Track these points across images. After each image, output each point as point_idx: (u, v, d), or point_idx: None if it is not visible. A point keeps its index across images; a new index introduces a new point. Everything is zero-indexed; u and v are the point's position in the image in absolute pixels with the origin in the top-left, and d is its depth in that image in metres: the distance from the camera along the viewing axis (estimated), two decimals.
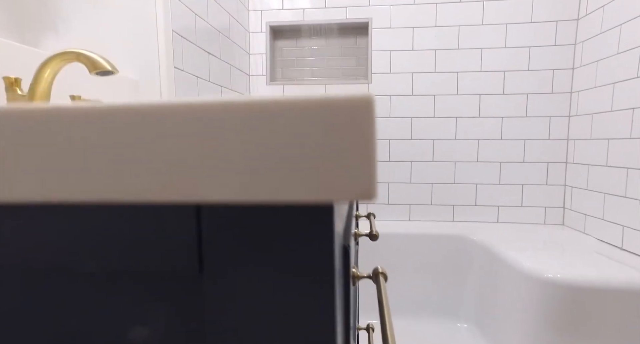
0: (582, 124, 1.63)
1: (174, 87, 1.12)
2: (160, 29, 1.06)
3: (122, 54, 0.91)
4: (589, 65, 1.58)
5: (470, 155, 1.82)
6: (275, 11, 1.86)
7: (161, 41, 1.06)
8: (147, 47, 1.02)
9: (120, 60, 0.91)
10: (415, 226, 1.82)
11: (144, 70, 1.00)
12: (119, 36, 0.90)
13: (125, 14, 0.93)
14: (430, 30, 1.78)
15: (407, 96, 1.82)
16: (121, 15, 0.91)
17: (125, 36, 0.93)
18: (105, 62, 0.51)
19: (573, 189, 1.69)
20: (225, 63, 1.55)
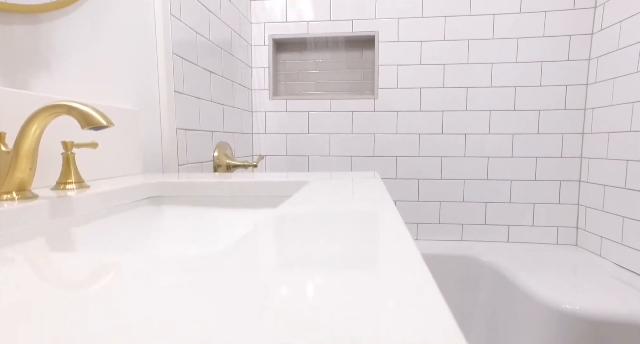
0: (597, 143, 1.57)
1: (174, 112, 1.06)
2: (161, 53, 1.00)
3: (121, 82, 0.85)
4: (605, 82, 1.53)
5: (480, 173, 1.76)
6: (279, 24, 1.80)
7: (161, 66, 1.00)
8: (147, 72, 0.96)
9: (119, 89, 0.84)
10: (422, 246, 1.76)
11: (143, 97, 0.94)
12: (117, 64, 0.84)
13: (124, 41, 0.87)
14: (439, 44, 1.73)
15: (414, 112, 1.77)
16: (120, 42, 0.85)
17: (124, 64, 0.87)
18: (100, 116, 0.45)
19: (587, 209, 1.63)
20: (227, 80, 1.49)
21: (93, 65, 0.77)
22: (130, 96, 0.89)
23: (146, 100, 0.96)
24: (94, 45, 0.77)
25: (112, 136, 0.79)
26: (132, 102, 0.90)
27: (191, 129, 1.17)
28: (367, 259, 0.24)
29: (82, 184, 0.58)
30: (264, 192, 0.70)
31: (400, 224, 0.34)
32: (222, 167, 1.42)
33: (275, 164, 1.86)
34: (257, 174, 0.81)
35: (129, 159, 0.85)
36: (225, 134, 1.48)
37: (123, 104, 0.86)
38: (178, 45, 1.08)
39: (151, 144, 0.98)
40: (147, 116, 0.96)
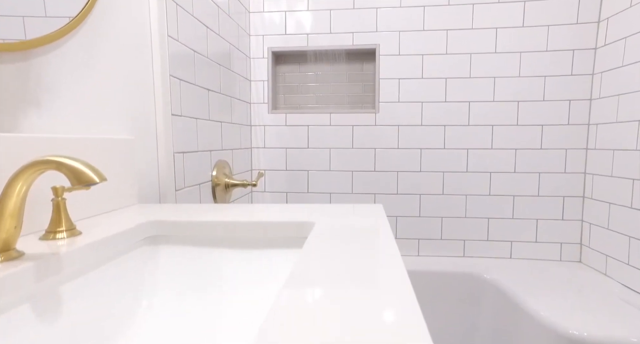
0: (601, 159, 1.55)
1: (171, 136, 1.03)
2: (157, 76, 0.96)
3: (116, 111, 0.82)
4: (610, 98, 1.50)
5: (482, 188, 1.73)
6: (278, 36, 1.77)
7: (157, 89, 0.97)
8: (143, 98, 0.93)
9: (114, 118, 0.81)
10: (424, 262, 1.73)
11: (139, 122, 0.91)
12: (112, 93, 0.81)
13: (119, 67, 0.83)
14: (441, 58, 1.70)
15: (416, 126, 1.74)
16: (114, 69, 0.82)
17: (119, 91, 0.83)
18: (91, 171, 0.42)
19: (592, 226, 1.61)
20: (225, 96, 1.46)
21: (86, 97, 0.73)
22: (125, 123, 0.86)
23: (142, 126, 0.92)
24: (87, 76, 0.74)
25: (107, 169, 0.76)
26: (127, 130, 0.86)
27: (189, 152, 1.14)
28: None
29: (74, 231, 0.55)
30: (266, 234, 0.67)
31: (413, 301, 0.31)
32: (220, 186, 1.39)
33: (274, 179, 1.83)
34: (256, 209, 0.78)
35: (125, 190, 0.81)
36: (224, 152, 1.45)
37: (118, 134, 0.83)
38: (175, 67, 1.05)
39: (148, 170, 0.95)
40: (143, 142, 0.93)
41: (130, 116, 0.88)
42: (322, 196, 1.81)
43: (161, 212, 0.75)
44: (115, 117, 0.82)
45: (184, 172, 1.10)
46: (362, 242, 0.53)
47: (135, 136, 0.89)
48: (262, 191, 1.85)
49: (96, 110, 0.76)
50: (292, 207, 0.78)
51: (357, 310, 0.31)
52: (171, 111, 1.02)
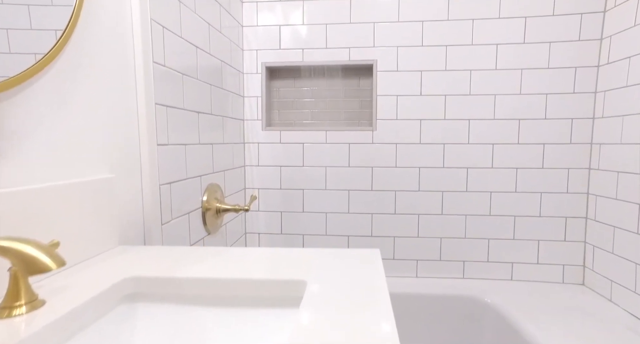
0: (605, 180, 1.50)
1: (157, 168, 0.97)
2: (142, 107, 0.91)
3: (95, 147, 0.76)
4: (614, 118, 1.46)
5: (483, 208, 1.68)
6: (272, 51, 1.72)
7: (142, 119, 0.91)
8: (126, 129, 0.87)
9: (92, 156, 0.75)
10: (422, 284, 1.68)
11: (122, 155, 0.85)
12: (91, 128, 0.75)
13: (99, 100, 0.77)
14: (440, 74, 1.65)
15: (414, 145, 1.69)
16: (94, 103, 0.76)
17: (99, 126, 0.77)
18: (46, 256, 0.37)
19: (595, 248, 1.56)
20: (217, 116, 1.40)
21: (60, 139, 0.68)
22: (106, 161, 0.80)
23: (125, 161, 0.86)
24: (61, 116, 0.68)
25: (83, 214, 0.70)
26: (108, 168, 0.80)
27: (177, 181, 1.08)
28: None
29: (35, 303, 0.49)
30: (255, 292, 0.61)
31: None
32: (211, 210, 1.33)
33: (268, 197, 1.77)
34: (246, 257, 0.72)
35: (104, 234, 0.75)
36: (215, 175, 1.39)
37: (97, 174, 0.77)
38: (161, 94, 0.99)
39: (131, 207, 0.89)
40: (126, 178, 0.87)
41: (112, 152, 0.82)
42: (318, 216, 1.76)
43: (141, 261, 0.69)
44: (94, 155, 0.76)
45: (171, 204, 1.04)
46: (356, 307, 0.47)
47: (117, 173, 0.84)
48: (257, 211, 1.79)
49: (72, 151, 0.70)
50: (283, 255, 0.72)
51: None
52: (157, 141, 0.96)
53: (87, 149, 0.74)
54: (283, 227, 1.79)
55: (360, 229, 1.75)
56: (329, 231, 1.76)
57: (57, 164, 0.67)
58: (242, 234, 1.76)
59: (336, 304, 0.50)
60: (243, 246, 1.76)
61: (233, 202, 1.57)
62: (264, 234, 1.80)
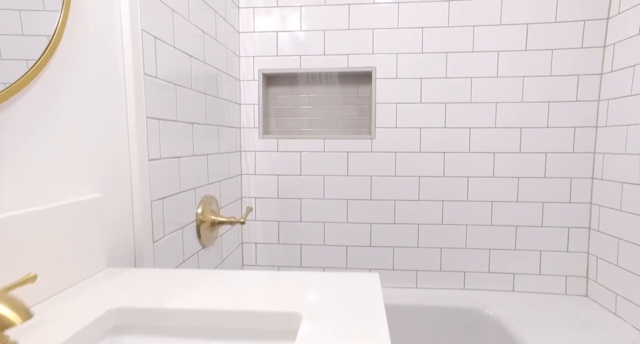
0: (609, 191, 1.47)
1: (148, 184, 0.93)
2: (132, 121, 0.87)
3: (81, 164, 0.73)
4: (618, 128, 1.43)
5: (483, 218, 1.65)
6: (269, 57, 1.69)
7: (132, 135, 0.88)
8: (116, 144, 0.83)
9: (78, 174, 0.72)
10: (422, 296, 1.65)
11: (110, 176, 0.82)
12: (78, 147, 0.72)
13: (87, 117, 0.74)
14: (440, 82, 1.62)
15: (414, 153, 1.66)
16: (81, 120, 0.73)
17: (87, 144, 0.74)
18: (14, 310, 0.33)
19: (599, 260, 1.53)
20: (213, 126, 1.37)
21: (42, 158, 0.64)
22: (93, 179, 0.76)
23: (114, 178, 0.83)
24: (44, 136, 0.64)
25: (66, 238, 0.66)
26: (96, 187, 0.77)
27: (170, 196, 1.05)
28: None
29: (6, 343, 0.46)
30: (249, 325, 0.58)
31: None
32: (206, 223, 1.29)
33: (265, 207, 1.74)
34: (238, 283, 0.69)
35: (89, 257, 0.72)
36: (211, 186, 1.35)
37: (84, 193, 0.74)
38: (153, 107, 0.96)
39: (120, 225, 0.85)
40: (115, 196, 0.83)
41: (99, 170, 0.78)
42: (316, 226, 1.72)
43: (128, 288, 0.65)
44: (80, 175, 0.73)
45: (164, 220, 1.01)
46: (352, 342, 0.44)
47: (105, 192, 0.80)
48: (253, 220, 1.76)
49: (56, 172, 0.67)
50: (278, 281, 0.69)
51: None
52: (148, 156, 0.93)
53: (72, 169, 0.71)
54: (280, 237, 1.75)
55: (359, 239, 1.72)
56: (327, 241, 1.73)
57: (37, 187, 0.63)
58: (239, 244, 1.73)
59: (332, 339, 0.47)
60: (239, 257, 1.73)
61: (229, 215, 1.54)
62: (260, 244, 1.77)
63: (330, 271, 0.73)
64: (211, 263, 1.37)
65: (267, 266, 1.77)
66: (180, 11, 1.10)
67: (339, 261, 1.73)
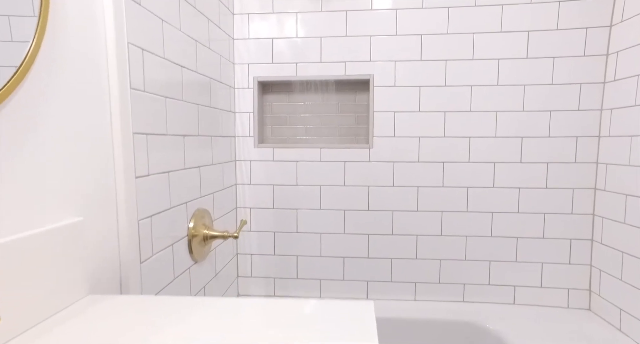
0: (612, 202, 1.44)
1: (135, 201, 0.89)
2: (117, 137, 0.83)
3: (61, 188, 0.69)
4: (621, 138, 1.39)
5: (484, 229, 1.62)
6: (264, 65, 1.65)
7: (118, 152, 0.84)
8: (100, 164, 0.79)
9: (58, 199, 0.68)
10: (421, 308, 1.61)
11: (93, 196, 0.78)
12: (57, 168, 0.68)
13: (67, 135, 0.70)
14: (439, 90, 1.58)
15: (412, 163, 1.62)
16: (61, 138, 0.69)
17: (67, 164, 0.70)
18: None
19: (602, 273, 1.50)
20: (205, 136, 1.33)
21: (19, 181, 0.60)
22: (73, 200, 0.72)
23: (97, 197, 0.79)
24: (17, 157, 0.61)
25: (40, 268, 0.62)
26: (76, 208, 0.73)
27: (159, 212, 1.01)
28: None
29: None
30: None
31: None
32: (198, 237, 1.25)
33: (261, 217, 1.70)
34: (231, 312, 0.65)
35: (68, 285, 0.68)
36: (204, 198, 1.32)
37: (61, 218, 0.70)
38: (140, 122, 0.92)
39: (104, 248, 0.81)
40: (98, 216, 0.80)
41: (80, 191, 0.75)
42: (312, 237, 1.69)
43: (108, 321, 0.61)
44: (60, 197, 0.69)
45: (152, 238, 0.97)
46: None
47: (87, 215, 0.76)
48: (249, 231, 1.72)
49: (33, 195, 0.63)
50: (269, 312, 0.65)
51: None
52: (135, 173, 0.89)
53: (50, 192, 0.67)
54: (276, 248, 1.71)
55: (356, 250, 1.68)
56: (324, 252, 1.69)
57: (9, 214, 0.59)
58: (234, 256, 1.69)
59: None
60: (234, 269, 1.69)
61: (222, 228, 1.50)
62: (256, 255, 1.73)
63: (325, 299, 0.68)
64: (204, 278, 1.33)
65: (263, 278, 1.73)
66: (170, 20, 1.07)
67: (335, 273, 1.70)
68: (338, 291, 1.70)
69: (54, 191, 0.68)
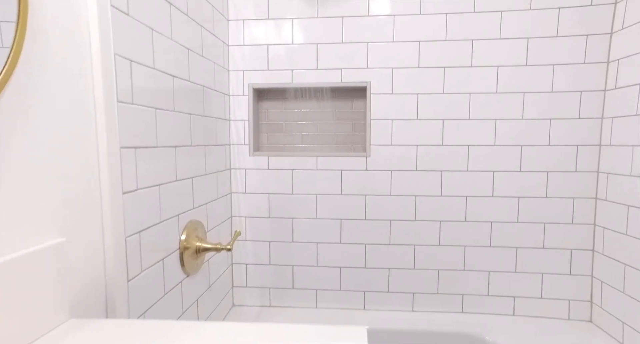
0: (613, 212, 1.41)
1: (122, 217, 0.86)
2: (103, 152, 0.81)
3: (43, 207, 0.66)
4: (623, 148, 1.37)
5: (483, 239, 1.59)
6: (260, 72, 1.62)
7: (103, 167, 0.81)
8: (85, 179, 0.77)
9: (39, 218, 0.65)
10: (419, 320, 1.59)
11: (77, 213, 0.75)
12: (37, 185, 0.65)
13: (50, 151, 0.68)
14: (437, 98, 1.56)
15: (410, 172, 1.59)
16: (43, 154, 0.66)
17: (49, 181, 0.67)
18: None
19: (603, 284, 1.47)
20: (199, 146, 1.30)
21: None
22: (55, 219, 0.70)
23: (82, 215, 0.76)
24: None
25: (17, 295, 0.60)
26: (58, 228, 0.70)
27: (149, 227, 0.98)
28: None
29: None
30: None
31: None
32: (190, 250, 1.23)
33: (256, 226, 1.67)
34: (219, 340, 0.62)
35: (49, 310, 0.65)
36: (197, 210, 1.29)
37: (41, 240, 0.67)
38: (128, 135, 0.89)
39: (89, 268, 0.79)
40: (82, 235, 0.77)
41: (63, 210, 0.72)
42: (308, 246, 1.66)
43: None
44: (40, 217, 0.66)
45: (141, 254, 0.94)
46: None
47: (70, 235, 0.73)
48: (244, 240, 1.69)
49: (10, 217, 0.60)
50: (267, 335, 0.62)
51: None
52: (122, 189, 0.86)
53: (30, 212, 0.64)
54: (272, 258, 1.68)
55: (353, 260, 1.65)
56: (320, 262, 1.66)
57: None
58: (229, 266, 1.66)
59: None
60: (229, 279, 1.66)
61: (216, 239, 1.47)
62: (251, 265, 1.70)
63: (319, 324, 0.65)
64: (197, 291, 1.30)
65: (258, 288, 1.70)
66: (161, 29, 1.04)
67: (332, 283, 1.67)
68: (334, 302, 1.67)
69: (34, 211, 0.65)
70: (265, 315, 1.64)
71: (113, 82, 0.83)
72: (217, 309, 1.51)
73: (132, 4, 0.90)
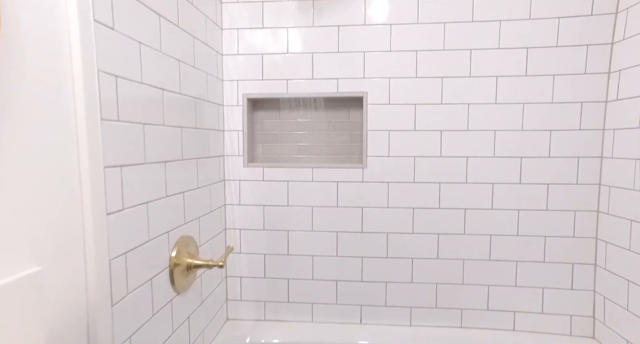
0: (616, 226, 1.38)
1: (106, 239, 0.83)
2: (85, 172, 0.77)
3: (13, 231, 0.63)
4: (625, 160, 1.33)
5: (482, 252, 1.55)
6: (254, 81, 1.59)
7: (85, 188, 0.77)
8: (65, 201, 0.73)
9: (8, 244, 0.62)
10: (417, 335, 1.55)
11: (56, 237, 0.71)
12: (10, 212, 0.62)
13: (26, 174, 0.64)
14: (435, 108, 1.53)
15: (408, 183, 1.56)
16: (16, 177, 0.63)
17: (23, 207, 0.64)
18: None
19: (606, 300, 1.43)
20: (191, 159, 1.27)
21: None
22: (30, 246, 0.66)
23: (61, 240, 0.73)
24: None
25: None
26: (35, 255, 0.67)
27: (135, 248, 0.95)
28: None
29: None
30: None
31: None
32: (180, 266, 1.19)
33: (251, 239, 1.64)
34: None
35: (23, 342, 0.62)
36: (188, 225, 1.25)
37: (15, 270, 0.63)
38: (113, 154, 0.86)
39: (70, 292, 0.75)
40: (62, 261, 0.73)
41: (42, 235, 0.68)
42: (304, 259, 1.62)
43: None
44: (14, 245, 0.63)
45: (127, 276, 0.91)
46: None
47: (48, 261, 0.70)
48: (238, 253, 1.66)
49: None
50: None
51: None
52: (106, 210, 0.83)
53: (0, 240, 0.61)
54: (267, 271, 1.65)
55: (350, 273, 1.61)
56: (316, 276, 1.63)
57: None
58: (223, 279, 1.62)
59: None
60: (223, 292, 1.62)
61: (209, 255, 1.44)
62: (246, 278, 1.66)
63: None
64: (188, 308, 1.26)
65: (253, 301, 1.67)
66: (150, 42, 1.01)
67: (328, 297, 1.63)
68: (330, 316, 1.64)
69: (6, 239, 0.61)
70: (260, 329, 1.61)
71: (96, 100, 0.80)
72: (211, 324, 1.47)
73: (117, 17, 0.87)
